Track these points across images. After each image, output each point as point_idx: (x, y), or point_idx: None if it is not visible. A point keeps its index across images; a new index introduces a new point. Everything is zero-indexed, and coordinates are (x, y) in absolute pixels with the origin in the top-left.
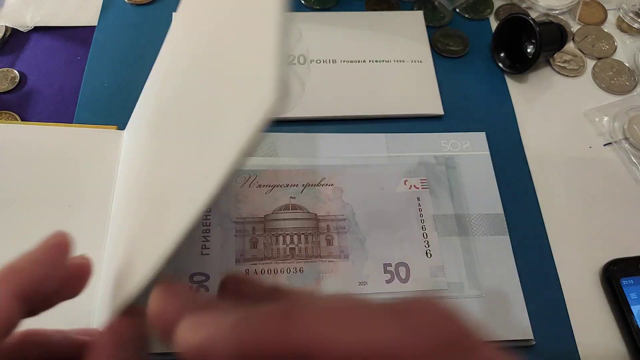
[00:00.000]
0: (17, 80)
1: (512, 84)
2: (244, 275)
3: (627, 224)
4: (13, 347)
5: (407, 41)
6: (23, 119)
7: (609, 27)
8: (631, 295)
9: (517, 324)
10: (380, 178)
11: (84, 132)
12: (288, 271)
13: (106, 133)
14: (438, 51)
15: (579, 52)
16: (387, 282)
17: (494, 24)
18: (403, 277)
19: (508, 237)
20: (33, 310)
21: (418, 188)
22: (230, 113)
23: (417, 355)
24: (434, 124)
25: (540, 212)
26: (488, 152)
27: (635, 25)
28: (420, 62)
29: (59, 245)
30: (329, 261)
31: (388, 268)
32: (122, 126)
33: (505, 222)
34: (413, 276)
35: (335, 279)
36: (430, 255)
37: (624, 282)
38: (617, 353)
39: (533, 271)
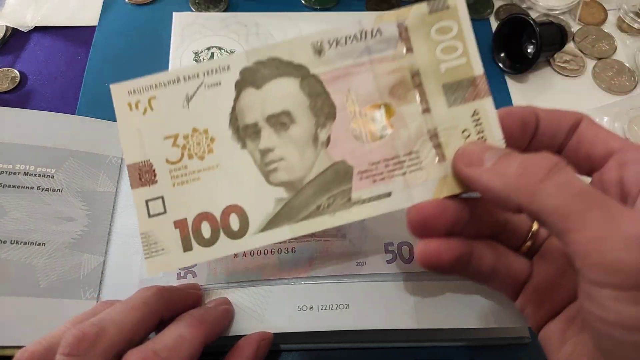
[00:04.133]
0: (18, 80)
1: (512, 84)
2: None
3: None
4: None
5: None
6: None
7: (609, 27)
8: None
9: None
10: None
11: (91, 122)
12: (279, 251)
13: (112, 125)
14: None
15: (579, 52)
16: (389, 262)
17: (494, 24)
18: (406, 257)
19: None
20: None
21: None
22: None
23: None
24: None
25: None
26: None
27: (636, 26)
28: None
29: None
30: (324, 240)
31: (389, 247)
32: None
33: None
34: None
35: (330, 260)
36: None
37: None
38: None
39: None
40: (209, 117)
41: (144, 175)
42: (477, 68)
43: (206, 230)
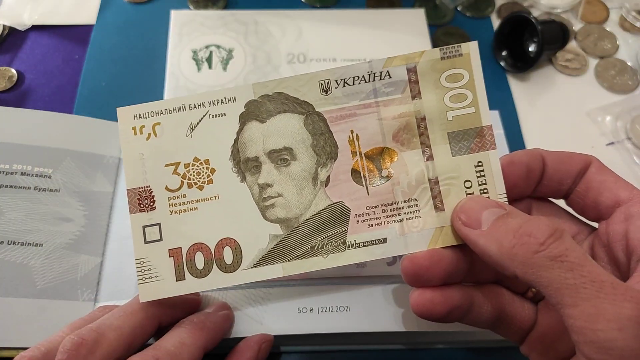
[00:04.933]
0: (15, 79)
1: (514, 83)
2: None
3: None
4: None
5: (408, 39)
6: None
7: (612, 25)
8: None
9: None
10: None
11: (88, 122)
12: None
13: (110, 125)
14: None
15: (581, 51)
16: (389, 264)
17: (495, 23)
18: None
19: None
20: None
21: None
22: None
23: None
24: None
25: None
26: (502, 131)
27: (638, 24)
28: None
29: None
30: None
31: None
32: None
33: None
34: None
35: None
36: None
37: None
38: None
39: None
40: (211, 148)
41: (143, 200)
42: (486, 119)
43: (200, 261)
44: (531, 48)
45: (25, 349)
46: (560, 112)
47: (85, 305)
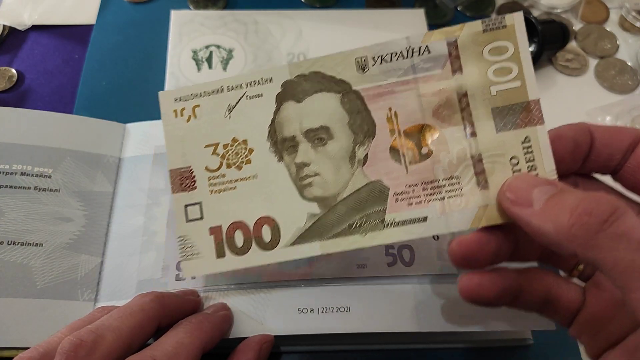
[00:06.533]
0: (15, 79)
1: None
2: None
3: None
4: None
5: None
6: None
7: (612, 25)
8: None
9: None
10: None
11: (88, 122)
12: None
13: (110, 125)
14: None
15: (582, 51)
16: (389, 265)
17: None
18: (407, 260)
19: None
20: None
21: None
22: None
23: None
24: None
25: None
26: None
27: (638, 24)
28: None
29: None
30: None
31: (390, 250)
32: None
33: None
34: (418, 259)
35: (331, 262)
36: (438, 237)
37: None
38: None
39: None
40: (248, 128)
41: (184, 180)
42: (533, 92)
43: (239, 238)
44: (531, 48)
45: (26, 349)
46: (561, 112)
47: (85, 305)
